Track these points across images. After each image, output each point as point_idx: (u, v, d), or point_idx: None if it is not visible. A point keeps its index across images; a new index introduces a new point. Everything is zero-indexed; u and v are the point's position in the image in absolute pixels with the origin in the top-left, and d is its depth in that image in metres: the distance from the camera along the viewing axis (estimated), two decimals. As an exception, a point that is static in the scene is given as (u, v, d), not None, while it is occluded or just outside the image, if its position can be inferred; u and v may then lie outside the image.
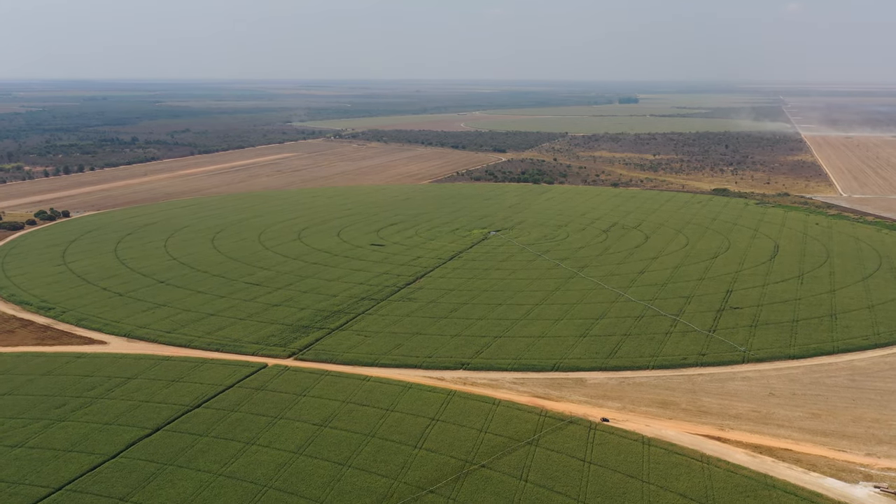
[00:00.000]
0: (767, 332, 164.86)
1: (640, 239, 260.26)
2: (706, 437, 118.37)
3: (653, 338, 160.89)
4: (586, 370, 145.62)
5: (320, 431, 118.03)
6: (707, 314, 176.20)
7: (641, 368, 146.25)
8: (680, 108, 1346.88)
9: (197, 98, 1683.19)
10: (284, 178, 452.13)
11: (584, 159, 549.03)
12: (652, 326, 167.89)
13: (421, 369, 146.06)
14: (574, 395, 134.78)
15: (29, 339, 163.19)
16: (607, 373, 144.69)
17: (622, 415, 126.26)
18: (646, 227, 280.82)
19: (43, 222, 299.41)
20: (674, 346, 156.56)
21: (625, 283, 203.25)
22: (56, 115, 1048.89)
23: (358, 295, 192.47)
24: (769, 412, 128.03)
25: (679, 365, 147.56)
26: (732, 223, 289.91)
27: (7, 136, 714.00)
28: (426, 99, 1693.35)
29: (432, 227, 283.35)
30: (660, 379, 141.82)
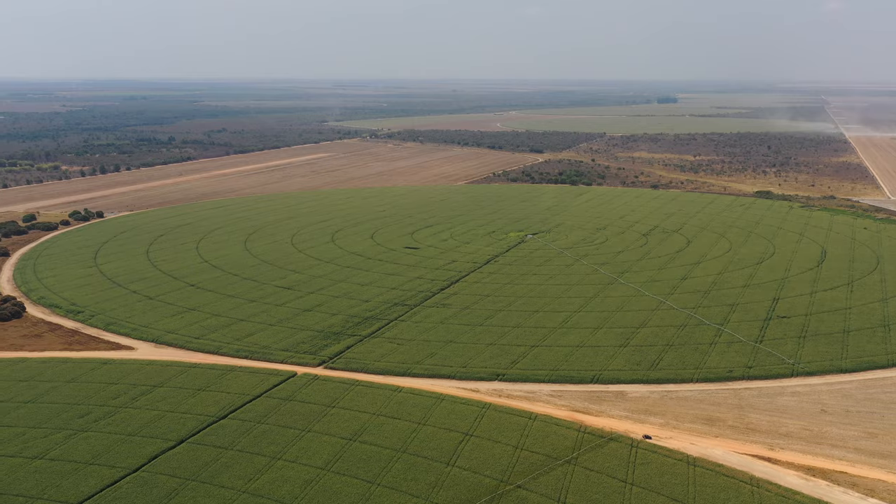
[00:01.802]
0: (817, 343, 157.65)
1: (681, 243, 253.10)
2: (755, 458, 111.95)
3: (696, 348, 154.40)
4: (627, 383, 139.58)
5: (349, 446, 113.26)
6: (753, 324, 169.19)
7: (685, 381, 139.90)
8: (720, 108, 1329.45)
9: (235, 98, 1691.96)
10: (319, 178, 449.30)
11: (622, 160, 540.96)
12: (695, 336, 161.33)
13: (454, 380, 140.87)
14: (614, 409, 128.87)
15: (56, 344, 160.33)
16: (649, 386, 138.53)
17: (665, 432, 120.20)
18: (687, 231, 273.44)
19: (77, 223, 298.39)
20: (719, 357, 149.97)
21: (666, 289, 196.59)
22: (95, 114, 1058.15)
23: (391, 300, 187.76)
24: (822, 431, 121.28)
25: (725, 378, 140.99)
26: (777, 227, 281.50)
27: (46, 135, 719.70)
28: (463, 98, 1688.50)
29: (468, 229, 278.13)
30: (704, 393, 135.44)
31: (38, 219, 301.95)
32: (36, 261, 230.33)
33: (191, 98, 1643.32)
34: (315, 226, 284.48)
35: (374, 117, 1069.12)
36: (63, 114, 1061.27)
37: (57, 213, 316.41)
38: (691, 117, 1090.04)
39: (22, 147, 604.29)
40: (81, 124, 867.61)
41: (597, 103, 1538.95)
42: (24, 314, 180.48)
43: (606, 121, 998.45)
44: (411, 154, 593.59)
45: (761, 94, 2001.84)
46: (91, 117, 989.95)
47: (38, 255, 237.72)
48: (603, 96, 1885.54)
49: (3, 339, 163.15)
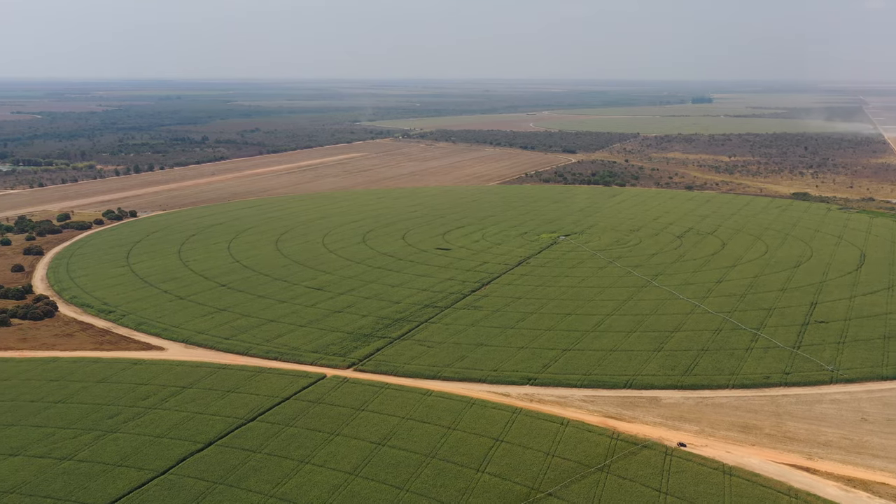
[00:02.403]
0: (856, 349, 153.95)
1: (716, 245, 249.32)
2: (793, 467, 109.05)
3: (732, 354, 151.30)
4: (661, 388, 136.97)
5: (378, 450, 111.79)
6: (790, 329, 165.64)
7: (720, 387, 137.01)
8: (755, 109, 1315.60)
9: (269, 97, 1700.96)
10: (351, 178, 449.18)
11: (656, 161, 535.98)
12: (731, 341, 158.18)
13: (485, 384, 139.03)
14: (648, 415, 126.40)
15: (87, 344, 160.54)
16: (683, 392, 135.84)
17: (700, 439, 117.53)
18: (722, 233, 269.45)
19: (110, 222, 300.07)
20: (755, 363, 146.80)
21: (701, 293, 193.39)
22: (131, 114, 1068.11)
23: (421, 302, 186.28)
24: (862, 440, 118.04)
25: (761, 384, 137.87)
26: (814, 230, 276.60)
27: (82, 134, 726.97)
28: (495, 98, 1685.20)
29: (500, 230, 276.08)
30: (740, 400, 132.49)
31: (73, 218, 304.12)
32: (69, 260, 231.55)
33: (225, 98, 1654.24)
34: (346, 226, 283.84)
35: (406, 117, 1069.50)
36: (99, 113, 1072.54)
37: (91, 213, 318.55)
38: (726, 117, 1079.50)
39: (58, 146, 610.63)
40: (117, 124, 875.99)
41: (630, 103, 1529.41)
42: (56, 313, 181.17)
43: (640, 121, 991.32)
44: (443, 154, 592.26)
45: (798, 95, 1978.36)
46: (126, 117, 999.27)
47: (71, 255, 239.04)
48: (636, 96, 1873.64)
49: (35, 339, 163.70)
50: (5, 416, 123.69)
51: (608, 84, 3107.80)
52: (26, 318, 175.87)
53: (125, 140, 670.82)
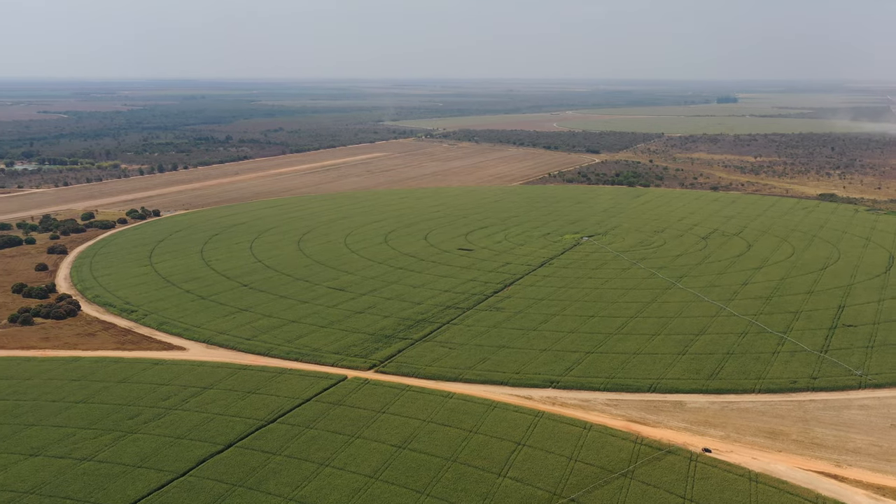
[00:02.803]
0: (886, 353, 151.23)
1: (741, 247, 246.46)
2: (821, 475, 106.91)
3: (758, 357, 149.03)
4: (686, 392, 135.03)
5: (399, 454, 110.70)
6: (817, 332, 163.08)
7: (746, 392, 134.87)
8: (781, 108, 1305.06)
9: (293, 97, 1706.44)
10: (374, 178, 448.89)
11: (681, 161, 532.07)
12: (757, 345, 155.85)
13: (507, 386, 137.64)
14: (672, 420, 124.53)
15: (109, 343, 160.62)
16: (709, 396, 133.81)
17: (726, 445, 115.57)
18: (748, 235, 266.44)
19: (134, 221, 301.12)
20: (782, 367, 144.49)
21: (726, 295, 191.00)
22: (156, 113, 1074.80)
23: (443, 303, 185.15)
24: (892, 447, 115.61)
25: (788, 389, 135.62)
26: (842, 231, 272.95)
27: (107, 134, 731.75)
28: (518, 98, 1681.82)
29: (522, 231, 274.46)
30: (767, 405, 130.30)
31: (97, 217, 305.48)
32: (92, 259, 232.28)
33: (249, 98, 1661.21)
34: (369, 226, 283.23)
35: (429, 117, 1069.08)
36: (124, 113, 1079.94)
37: (115, 212, 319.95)
38: (752, 117, 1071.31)
39: (84, 145, 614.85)
40: (142, 123, 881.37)
41: (655, 103, 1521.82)
42: (79, 312, 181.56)
43: (664, 121, 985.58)
44: (466, 154, 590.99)
45: (824, 94, 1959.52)
46: (151, 116, 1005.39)
47: (94, 254, 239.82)
48: (661, 96, 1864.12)
49: (57, 338, 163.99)
50: (27, 416, 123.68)
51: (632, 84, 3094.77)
52: (49, 318, 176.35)
53: (149, 139, 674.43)
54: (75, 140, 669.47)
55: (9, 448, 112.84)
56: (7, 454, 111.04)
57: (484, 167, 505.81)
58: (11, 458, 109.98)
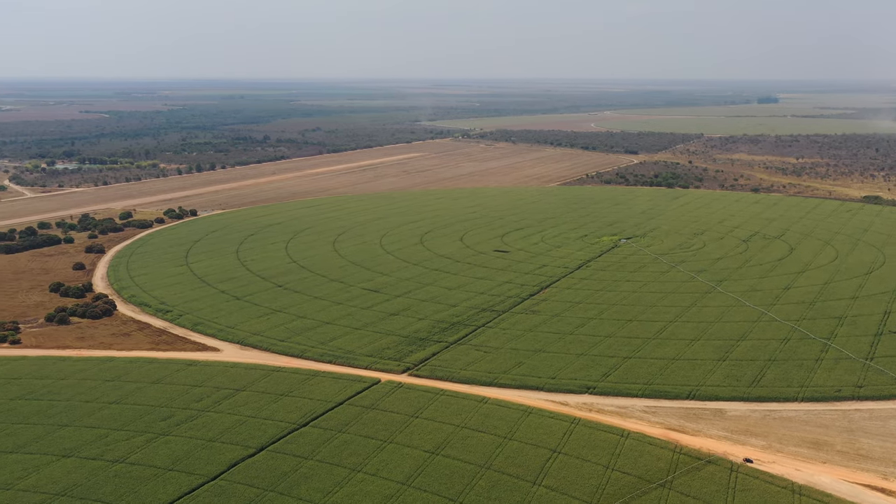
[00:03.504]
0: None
1: (783, 250, 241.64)
2: (867, 488, 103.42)
3: (801, 365, 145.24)
4: (726, 400, 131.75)
5: (432, 460, 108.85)
6: (863, 339, 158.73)
7: (789, 400, 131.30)
8: (824, 109, 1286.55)
9: (331, 97, 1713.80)
10: (410, 178, 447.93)
11: (721, 162, 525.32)
12: (800, 351, 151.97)
13: (543, 391, 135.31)
14: (712, 428, 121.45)
15: (144, 344, 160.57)
16: (750, 404, 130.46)
17: (768, 455, 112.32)
18: (790, 238, 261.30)
19: (171, 220, 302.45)
20: (826, 375, 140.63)
21: (768, 300, 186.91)
22: (195, 113, 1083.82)
23: (479, 305, 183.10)
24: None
25: (832, 398, 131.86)
26: (887, 234, 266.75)
27: (147, 133, 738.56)
28: (556, 98, 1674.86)
29: (559, 232, 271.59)
30: (810, 414, 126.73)
31: (135, 216, 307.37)
32: (129, 258, 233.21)
33: (287, 97, 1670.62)
34: (404, 227, 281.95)
35: (466, 117, 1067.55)
36: (164, 112, 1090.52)
37: (152, 211, 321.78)
38: (793, 118, 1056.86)
39: (124, 145, 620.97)
40: (181, 123, 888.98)
41: (694, 103, 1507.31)
42: (114, 312, 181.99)
43: (704, 121, 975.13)
44: (503, 154, 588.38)
45: (867, 95, 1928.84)
46: (191, 116, 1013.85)
47: (131, 253, 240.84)
48: (700, 96, 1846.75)
49: (93, 338, 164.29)
50: (60, 417, 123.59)
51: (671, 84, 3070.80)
52: (85, 317, 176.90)
53: (188, 139, 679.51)
54: (116, 139, 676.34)
55: (42, 449, 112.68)
56: (40, 455, 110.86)
57: (521, 168, 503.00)
58: (44, 458, 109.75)
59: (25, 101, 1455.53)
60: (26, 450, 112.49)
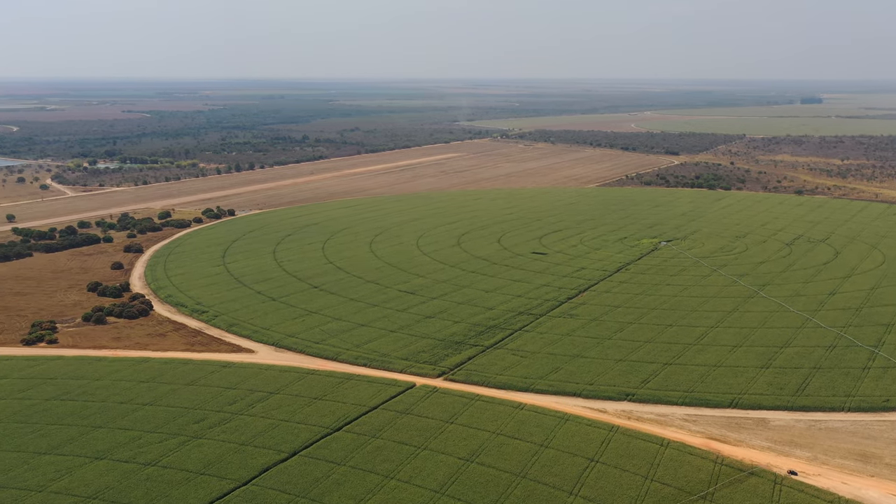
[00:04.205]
0: None
1: (828, 254, 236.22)
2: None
3: (848, 373, 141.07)
4: (769, 409, 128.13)
5: (466, 467, 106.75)
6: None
7: (835, 410, 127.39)
8: (869, 109, 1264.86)
9: (369, 97, 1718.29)
10: (448, 179, 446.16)
11: (763, 163, 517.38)
12: (846, 359, 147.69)
13: (580, 398, 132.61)
14: (755, 438, 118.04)
15: (179, 344, 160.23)
16: (794, 413, 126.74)
17: (813, 467, 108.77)
18: (835, 241, 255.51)
19: (209, 220, 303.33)
20: (873, 384, 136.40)
21: (812, 305, 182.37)
22: (235, 112, 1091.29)
23: (516, 308, 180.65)
24: None
25: (880, 408, 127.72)
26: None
27: (188, 133, 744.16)
28: (596, 98, 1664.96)
29: (598, 235, 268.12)
30: (858, 424, 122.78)
31: (173, 216, 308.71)
32: (167, 258, 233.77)
33: (326, 97, 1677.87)
34: (441, 228, 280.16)
35: (505, 117, 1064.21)
36: (205, 112, 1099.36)
37: (191, 211, 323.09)
38: (838, 118, 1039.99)
39: (164, 144, 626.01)
40: (221, 123, 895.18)
41: (735, 103, 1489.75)
42: (151, 312, 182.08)
43: (746, 122, 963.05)
44: (542, 155, 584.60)
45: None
46: (231, 116, 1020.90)
47: (169, 253, 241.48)
48: (742, 96, 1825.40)
49: (129, 338, 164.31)
50: (94, 418, 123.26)
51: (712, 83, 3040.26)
52: (122, 317, 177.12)
53: (228, 139, 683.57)
54: (156, 139, 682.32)
55: (75, 450, 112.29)
56: (73, 457, 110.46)
57: (559, 168, 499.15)
58: (77, 460, 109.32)
59: (70, 100, 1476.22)
60: (59, 451, 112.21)
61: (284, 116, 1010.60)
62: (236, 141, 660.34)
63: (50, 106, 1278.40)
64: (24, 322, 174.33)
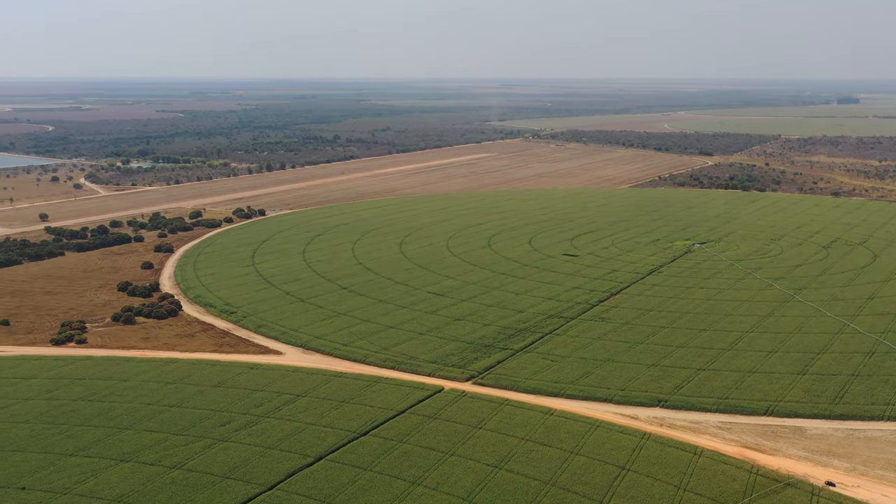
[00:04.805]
0: None
1: (867, 258, 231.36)
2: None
3: (887, 381, 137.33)
4: (806, 417, 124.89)
5: (494, 474, 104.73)
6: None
7: (875, 419, 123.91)
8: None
9: (401, 97, 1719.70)
10: (479, 179, 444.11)
11: (799, 164, 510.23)
12: (886, 366, 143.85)
13: (611, 404, 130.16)
14: (792, 448, 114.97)
15: (207, 345, 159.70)
16: (832, 422, 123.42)
17: (852, 479, 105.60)
18: (873, 244, 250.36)
19: (239, 220, 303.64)
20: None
21: (850, 310, 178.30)
22: (267, 112, 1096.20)
23: (546, 311, 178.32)
24: None
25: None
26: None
27: (220, 132, 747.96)
28: (628, 98, 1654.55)
29: (630, 236, 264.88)
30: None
31: (204, 215, 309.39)
32: (197, 258, 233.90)
33: (358, 97, 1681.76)
34: (472, 229, 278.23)
35: (536, 117, 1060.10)
36: (238, 112, 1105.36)
37: (222, 210, 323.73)
38: (875, 119, 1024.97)
39: (197, 144, 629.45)
40: (254, 122, 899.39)
41: (770, 104, 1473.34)
42: (179, 313, 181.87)
43: (781, 122, 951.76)
44: (574, 155, 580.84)
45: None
46: (263, 115, 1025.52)
47: (199, 253, 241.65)
48: (777, 96, 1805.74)
49: (157, 338, 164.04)
50: (121, 420, 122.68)
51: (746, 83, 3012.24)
52: (151, 317, 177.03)
53: (259, 138, 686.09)
54: (189, 139, 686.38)
55: (100, 452, 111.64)
56: (98, 459, 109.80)
57: (591, 169, 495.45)
58: (103, 462, 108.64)
59: (105, 100, 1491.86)
60: (85, 453, 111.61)
61: (316, 116, 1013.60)
62: (268, 140, 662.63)
63: (85, 105, 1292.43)
64: (54, 321, 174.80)
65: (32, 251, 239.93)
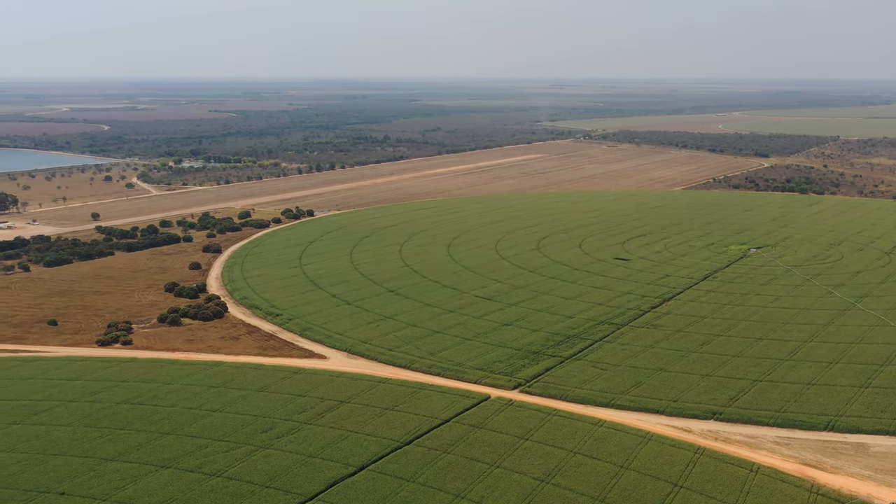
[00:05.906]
0: None
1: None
2: None
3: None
4: (869, 433, 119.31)
5: (541, 489, 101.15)
6: None
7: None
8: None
9: (452, 97, 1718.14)
10: (529, 180, 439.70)
11: (859, 167, 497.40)
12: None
13: (663, 416, 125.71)
14: (854, 465, 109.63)
15: (251, 348, 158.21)
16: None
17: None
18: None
19: (288, 220, 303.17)
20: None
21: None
22: (319, 112, 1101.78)
23: (596, 317, 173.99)
24: None
25: None
26: None
27: (271, 132, 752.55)
28: (681, 98, 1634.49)
29: (684, 240, 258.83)
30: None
31: (253, 216, 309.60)
32: (244, 259, 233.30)
33: (408, 97, 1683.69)
34: (521, 231, 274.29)
35: (588, 117, 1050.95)
36: (289, 112, 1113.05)
37: (270, 211, 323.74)
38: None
39: (248, 144, 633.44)
40: (305, 122, 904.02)
41: (828, 104, 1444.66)
42: (225, 314, 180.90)
43: (840, 123, 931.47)
44: (626, 156, 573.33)
45: None
46: (314, 115, 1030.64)
47: (246, 254, 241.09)
48: (835, 96, 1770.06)
49: (202, 340, 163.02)
50: (163, 424, 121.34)
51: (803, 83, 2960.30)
52: (196, 319, 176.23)
53: (310, 138, 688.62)
54: (241, 138, 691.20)
55: (141, 458, 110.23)
56: (139, 464, 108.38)
57: (644, 170, 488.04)
58: (143, 468, 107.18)
59: (160, 100, 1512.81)
60: (126, 458, 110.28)
61: (367, 116, 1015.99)
62: (318, 141, 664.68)
63: (140, 105, 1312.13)
64: (101, 322, 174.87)
65: (83, 250, 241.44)
